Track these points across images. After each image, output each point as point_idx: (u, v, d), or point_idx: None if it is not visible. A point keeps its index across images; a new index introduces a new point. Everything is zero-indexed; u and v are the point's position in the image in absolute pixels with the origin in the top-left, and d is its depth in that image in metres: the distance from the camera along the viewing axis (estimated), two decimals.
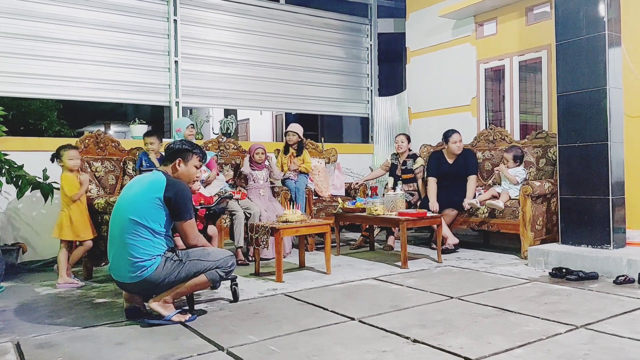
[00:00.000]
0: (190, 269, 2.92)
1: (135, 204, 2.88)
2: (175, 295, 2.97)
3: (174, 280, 2.90)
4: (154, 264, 2.85)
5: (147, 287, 2.90)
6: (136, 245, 2.84)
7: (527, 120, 6.11)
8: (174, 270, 2.89)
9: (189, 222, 2.96)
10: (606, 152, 4.13)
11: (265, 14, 6.81)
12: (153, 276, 2.85)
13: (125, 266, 2.87)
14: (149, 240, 2.86)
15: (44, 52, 5.32)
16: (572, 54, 4.32)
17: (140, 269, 2.84)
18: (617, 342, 2.43)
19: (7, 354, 2.51)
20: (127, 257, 2.85)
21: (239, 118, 10.71)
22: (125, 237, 2.86)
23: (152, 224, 2.86)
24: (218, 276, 2.99)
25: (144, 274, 2.84)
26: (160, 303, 2.93)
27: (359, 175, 6.84)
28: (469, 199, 5.13)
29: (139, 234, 2.84)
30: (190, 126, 4.83)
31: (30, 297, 3.69)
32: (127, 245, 2.85)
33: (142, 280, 2.86)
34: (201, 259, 2.95)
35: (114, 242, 2.95)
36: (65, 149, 4.09)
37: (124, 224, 2.87)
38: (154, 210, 2.86)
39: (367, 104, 7.75)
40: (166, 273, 2.87)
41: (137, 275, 2.85)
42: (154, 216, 2.86)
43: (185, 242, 3.01)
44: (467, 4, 6.07)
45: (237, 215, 4.74)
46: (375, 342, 2.52)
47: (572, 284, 3.66)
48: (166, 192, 2.86)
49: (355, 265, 4.61)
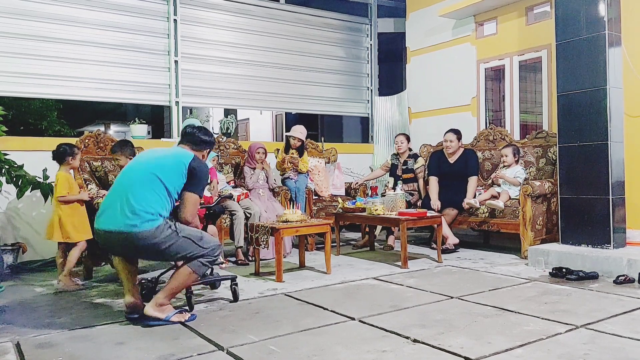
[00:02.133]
0: (180, 247, 2.86)
1: (161, 164, 2.94)
2: (168, 295, 2.92)
3: (163, 250, 2.84)
4: (155, 220, 2.82)
5: (134, 243, 2.81)
6: (147, 197, 2.84)
7: (527, 120, 6.11)
8: (167, 239, 2.83)
9: (196, 198, 2.97)
10: (606, 152, 4.13)
11: (265, 14, 6.81)
12: (147, 234, 2.79)
13: (126, 213, 2.81)
14: (161, 198, 2.86)
15: (44, 52, 5.32)
16: (572, 53, 4.32)
17: (141, 218, 2.79)
18: (617, 342, 2.43)
19: (7, 354, 2.51)
20: (133, 204, 2.81)
21: (239, 118, 10.71)
22: (138, 187, 2.86)
23: (170, 185, 2.89)
24: (203, 267, 2.95)
25: (142, 225, 2.78)
26: (156, 307, 2.89)
27: (359, 175, 6.84)
28: (468, 199, 5.13)
29: (155, 189, 2.86)
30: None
31: (30, 297, 3.68)
32: (137, 195, 2.83)
33: (135, 234, 2.78)
34: (193, 239, 2.90)
35: (119, 193, 2.90)
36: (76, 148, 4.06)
37: (142, 177, 2.89)
38: (176, 174, 2.91)
39: (367, 103, 7.75)
40: (160, 239, 2.81)
41: (135, 225, 2.78)
42: (174, 179, 2.90)
43: (183, 214, 2.95)
44: (467, 4, 6.07)
45: (237, 215, 4.74)
46: (375, 342, 2.52)
47: (572, 284, 3.66)
48: (193, 161, 2.95)
49: (355, 265, 4.61)
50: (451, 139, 5.44)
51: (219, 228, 4.47)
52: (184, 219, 2.95)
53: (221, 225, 4.69)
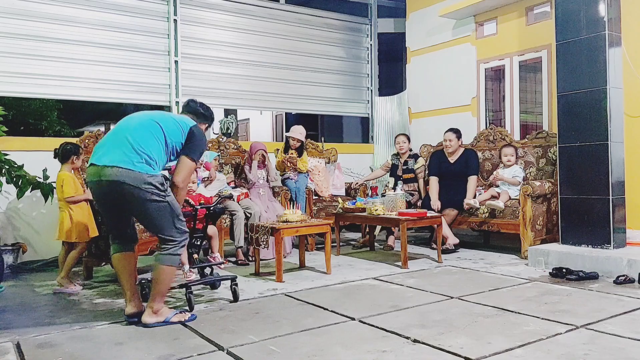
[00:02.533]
0: (160, 211, 2.81)
1: (163, 118, 2.96)
2: (159, 299, 2.89)
3: (145, 201, 2.78)
4: (153, 168, 2.81)
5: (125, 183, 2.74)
6: (147, 139, 2.84)
7: (527, 120, 6.11)
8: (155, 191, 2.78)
9: (192, 164, 2.97)
10: (606, 152, 4.13)
11: (265, 14, 6.81)
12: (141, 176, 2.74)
13: (126, 152, 2.78)
14: (160, 145, 2.87)
15: (44, 52, 5.31)
16: (572, 53, 4.32)
17: (140, 157, 2.78)
18: (617, 342, 2.43)
19: (7, 354, 2.51)
20: (133, 143, 2.80)
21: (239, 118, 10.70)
22: (140, 130, 2.86)
23: (169, 137, 2.90)
24: (175, 257, 2.90)
25: (139, 166, 2.76)
26: (152, 314, 2.88)
27: (359, 175, 6.84)
28: (468, 199, 5.13)
29: (155, 133, 2.86)
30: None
31: (30, 297, 3.69)
32: (138, 136, 2.83)
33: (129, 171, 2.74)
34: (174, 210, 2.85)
35: (117, 135, 2.88)
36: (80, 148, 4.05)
37: (144, 122, 2.89)
38: (177, 130, 2.93)
39: (367, 104, 7.75)
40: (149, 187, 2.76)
41: (132, 161, 2.75)
42: (174, 134, 2.91)
43: (176, 176, 2.93)
44: (467, 4, 6.07)
45: (237, 215, 4.74)
46: (375, 342, 2.52)
47: (572, 284, 3.66)
48: (194, 127, 2.98)
49: (356, 265, 4.61)
50: (450, 138, 5.44)
51: (219, 228, 4.46)
52: (175, 180, 2.93)
53: (221, 225, 4.69)
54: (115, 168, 2.76)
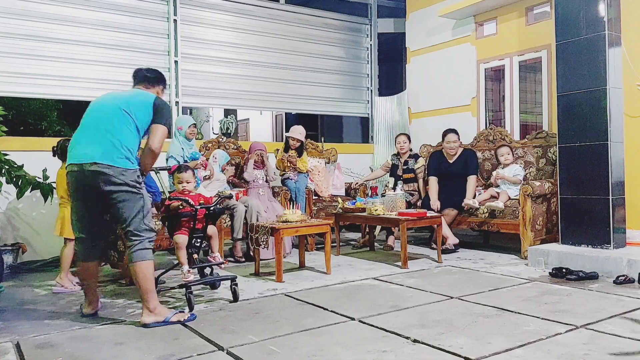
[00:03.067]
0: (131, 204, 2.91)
1: (128, 101, 3.03)
2: (150, 298, 2.89)
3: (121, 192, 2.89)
4: (134, 163, 2.94)
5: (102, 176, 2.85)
6: (124, 133, 2.94)
7: (527, 120, 6.11)
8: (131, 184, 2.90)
9: (164, 129, 3.06)
10: (606, 152, 4.13)
11: (265, 14, 6.81)
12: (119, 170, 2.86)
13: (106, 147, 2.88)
14: (132, 132, 2.97)
15: (44, 52, 5.32)
16: (572, 54, 4.32)
17: (119, 153, 2.88)
18: (617, 342, 2.43)
19: (7, 354, 2.51)
20: (114, 140, 2.90)
21: (239, 118, 10.71)
22: (113, 121, 2.95)
23: (139, 121, 3.00)
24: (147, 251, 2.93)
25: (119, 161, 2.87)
26: (150, 314, 2.88)
27: (359, 175, 6.84)
28: (468, 199, 5.13)
29: (127, 125, 2.96)
30: (192, 125, 4.83)
31: (30, 297, 3.69)
32: (115, 129, 2.93)
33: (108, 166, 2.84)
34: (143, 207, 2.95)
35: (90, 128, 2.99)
36: None
37: (113, 113, 2.97)
38: (143, 112, 3.02)
39: (367, 104, 7.75)
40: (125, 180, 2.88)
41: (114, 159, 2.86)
42: (142, 116, 3.01)
43: (151, 142, 3.01)
44: (467, 4, 6.07)
45: (237, 209, 4.74)
46: (375, 342, 2.52)
47: (572, 284, 3.66)
48: (156, 100, 3.08)
49: (355, 265, 4.61)
50: (454, 139, 5.44)
51: (219, 228, 4.46)
52: (152, 146, 3.02)
53: (221, 225, 4.69)
54: (96, 164, 2.86)
